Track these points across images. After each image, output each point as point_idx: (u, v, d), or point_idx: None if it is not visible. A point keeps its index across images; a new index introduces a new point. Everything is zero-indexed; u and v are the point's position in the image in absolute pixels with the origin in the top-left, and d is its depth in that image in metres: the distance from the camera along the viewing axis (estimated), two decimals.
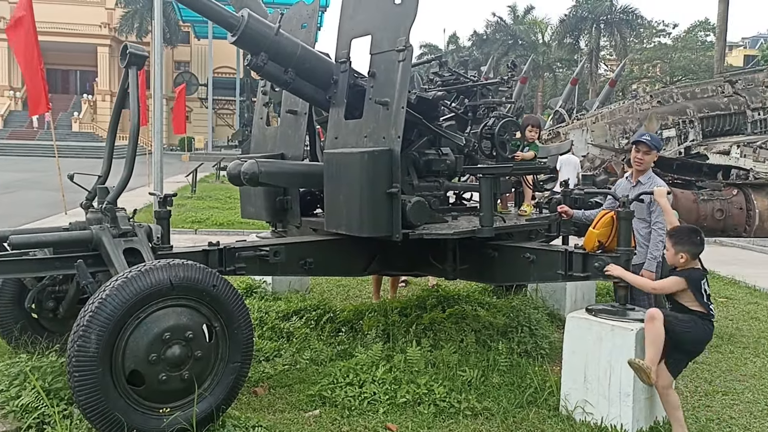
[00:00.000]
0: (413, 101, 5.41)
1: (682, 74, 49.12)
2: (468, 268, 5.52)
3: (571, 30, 46.87)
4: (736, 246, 12.96)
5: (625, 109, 20.35)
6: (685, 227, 4.40)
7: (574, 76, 32.64)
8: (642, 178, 5.28)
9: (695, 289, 4.14)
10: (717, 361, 5.88)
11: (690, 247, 4.18)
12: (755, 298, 8.31)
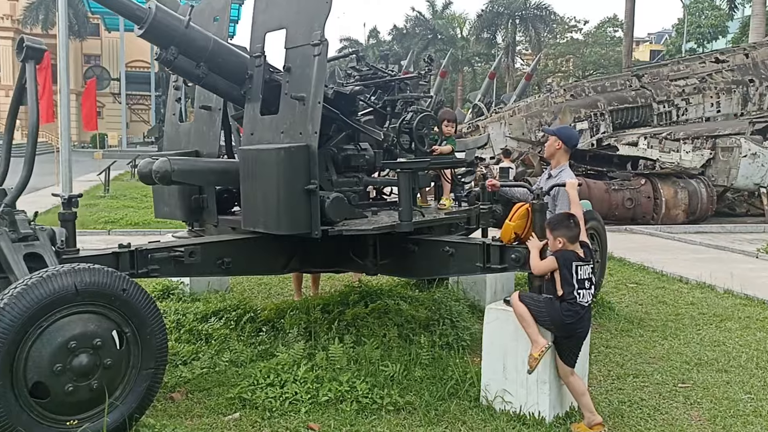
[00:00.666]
0: (330, 96, 5.35)
1: (593, 68, 51.06)
2: (389, 263, 5.52)
3: (488, 25, 47.87)
4: (645, 233, 13.57)
5: (540, 103, 20.93)
6: (560, 214, 4.50)
7: (492, 70, 33.37)
8: (554, 171, 5.39)
9: (566, 269, 4.19)
10: (628, 344, 6.11)
11: (564, 231, 4.26)
12: (663, 283, 8.71)
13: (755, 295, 7.79)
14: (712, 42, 45.80)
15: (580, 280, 4.20)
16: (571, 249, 4.27)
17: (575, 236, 4.29)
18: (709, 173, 16.00)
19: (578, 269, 4.21)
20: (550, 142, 5.33)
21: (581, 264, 4.23)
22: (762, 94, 20.53)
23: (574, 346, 4.28)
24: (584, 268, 4.24)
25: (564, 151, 5.33)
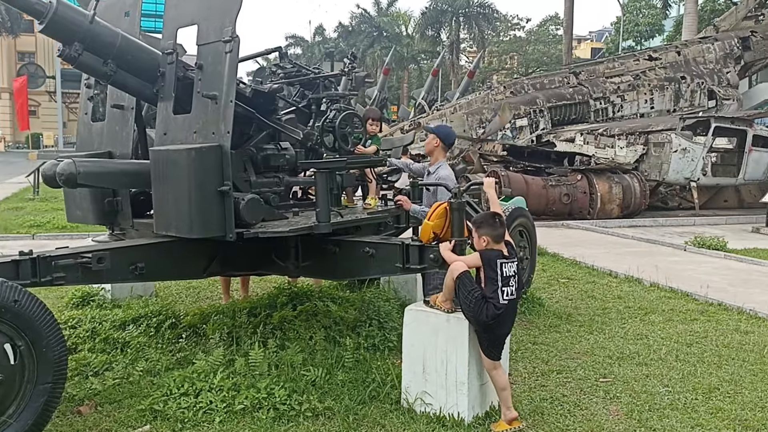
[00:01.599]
0: (248, 94, 5.22)
1: (536, 66, 51.82)
2: (310, 265, 5.41)
3: (432, 22, 48.08)
4: (580, 228, 13.79)
5: (481, 100, 21.10)
6: (485, 213, 4.50)
7: (435, 67, 33.52)
8: (432, 167, 5.56)
9: (489, 268, 4.21)
10: (555, 340, 6.15)
11: (489, 230, 4.26)
12: (593, 278, 8.83)
13: (679, 288, 7.97)
14: (649, 40, 46.98)
15: (505, 277, 4.21)
16: (496, 248, 4.26)
17: (500, 235, 4.29)
18: (642, 168, 16.40)
19: (503, 266, 4.22)
20: (429, 139, 5.60)
21: (505, 261, 4.24)
22: (693, 90, 21.17)
23: (495, 340, 4.27)
24: (509, 265, 4.25)
25: (442, 148, 5.54)
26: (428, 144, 5.55)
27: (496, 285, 4.18)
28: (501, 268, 4.21)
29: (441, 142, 5.49)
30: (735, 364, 5.43)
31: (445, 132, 5.63)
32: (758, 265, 9.78)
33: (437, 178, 5.32)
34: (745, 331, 6.33)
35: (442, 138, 5.49)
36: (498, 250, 4.27)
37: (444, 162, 5.53)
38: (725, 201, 18.17)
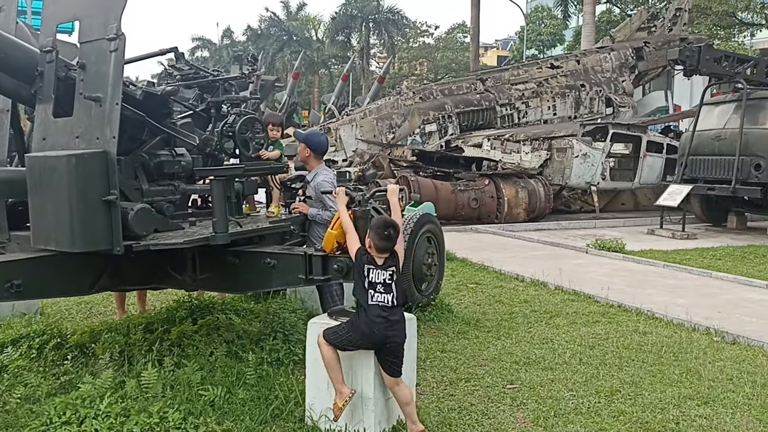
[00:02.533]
0: (138, 97, 4.88)
1: (444, 72, 52.73)
2: (209, 278, 5.12)
3: (342, 27, 48.10)
4: (488, 232, 13.99)
5: (390, 105, 21.13)
6: (384, 220, 4.29)
7: (345, 72, 33.42)
8: (309, 175, 5.62)
9: (358, 268, 4.12)
10: (463, 347, 6.11)
11: (375, 237, 4.12)
12: (501, 282, 8.91)
13: (582, 290, 8.16)
14: (551, 49, 48.74)
15: (372, 282, 4.09)
16: (376, 255, 4.12)
17: (383, 248, 4.12)
18: (546, 173, 16.86)
19: (370, 272, 4.10)
20: (301, 148, 5.57)
21: (373, 268, 4.11)
22: (592, 98, 22.03)
23: (391, 354, 4.09)
24: (376, 272, 4.11)
25: (314, 157, 5.59)
26: (301, 152, 5.55)
27: (364, 288, 4.10)
28: (368, 273, 4.11)
29: (312, 152, 5.51)
30: (635, 366, 5.55)
31: (317, 141, 5.62)
32: (653, 266, 10.18)
33: (314, 186, 5.33)
34: (643, 332, 6.51)
35: (313, 148, 5.55)
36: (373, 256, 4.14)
37: (321, 168, 5.54)
38: (623, 204, 18.97)
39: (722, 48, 26.02)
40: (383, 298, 4.07)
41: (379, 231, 4.11)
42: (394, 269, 4.15)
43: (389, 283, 4.10)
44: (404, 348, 4.17)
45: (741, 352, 5.95)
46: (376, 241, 4.10)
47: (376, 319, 4.03)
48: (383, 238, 4.09)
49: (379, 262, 4.12)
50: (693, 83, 28.33)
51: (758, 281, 8.92)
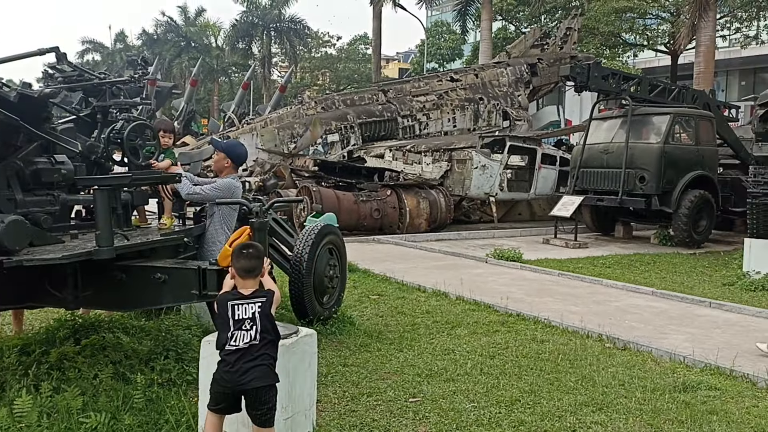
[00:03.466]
0: (13, 99, 4.48)
1: (347, 83, 52.92)
2: (93, 295, 4.77)
3: (243, 35, 47.22)
4: (390, 243, 14.02)
5: (292, 114, 20.89)
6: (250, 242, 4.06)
7: (246, 80, 32.79)
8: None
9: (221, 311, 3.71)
10: (365, 360, 6.00)
11: (233, 259, 3.83)
12: (403, 293, 8.89)
13: (482, 300, 8.26)
14: (451, 62, 50.02)
15: (239, 320, 3.66)
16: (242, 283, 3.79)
17: (245, 268, 3.78)
18: (447, 184, 17.14)
19: (235, 309, 3.68)
20: (219, 158, 5.34)
21: (239, 303, 3.70)
22: (490, 111, 22.69)
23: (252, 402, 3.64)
24: (243, 306, 3.70)
25: (233, 167, 5.41)
26: (218, 162, 5.24)
27: (229, 329, 3.65)
28: (233, 311, 3.67)
29: (232, 162, 5.30)
30: (533, 374, 5.63)
31: (238, 152, 5.39)
32: (549, 274, 10.50)
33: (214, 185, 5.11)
34: (541, 340, 6.65)
35: (233, 158, 5.27)
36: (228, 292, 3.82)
37: (233, 175, 5.34)
38: (519, 214, 19.58)
39: (609, 66, 27.53)
40: (247, 335, 3.64)
41: (238, 249, 3.84)
42: (264, 302, 3.72)
43: (255, 318, 3.67)
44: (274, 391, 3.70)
45: (631, 357, 6.18)
46: (236, 261, 3.78)
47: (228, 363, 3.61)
48: (242, 256, 3.78)
49: (245, 292, 3.75)
50: (583, 99, 29.83)
51: (644, 288, 9.37)
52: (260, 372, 3.60)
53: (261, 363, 3.62)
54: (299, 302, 6.55)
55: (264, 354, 3.65)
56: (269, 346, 3.69)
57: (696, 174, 14.26)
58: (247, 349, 3.60)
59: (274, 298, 3.78)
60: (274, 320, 3.76)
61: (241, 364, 3.58)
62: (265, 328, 3.67)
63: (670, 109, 14.84)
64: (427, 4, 32.14)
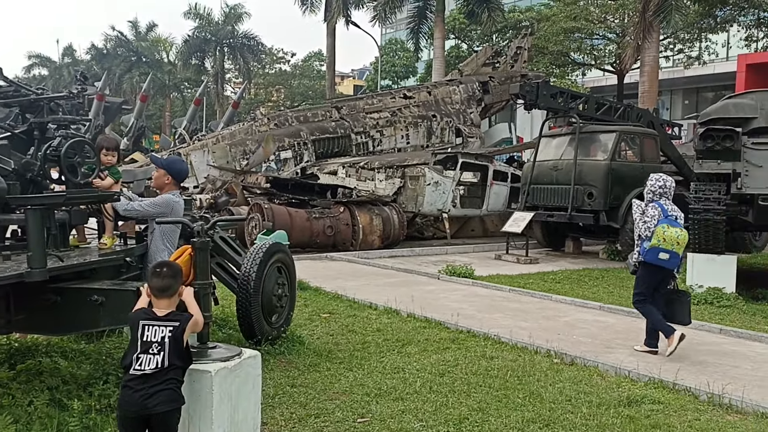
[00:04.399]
0: None
1: (301, 99, 52.89)
2: (26, 319, 4.58)
3: (195, 51, 46.77)
4: (343, 260, 13.94)
5: (245, 131, 20.74)
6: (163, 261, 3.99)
7: (197, 96, 32.46)
8: None
9: (132, 330, 3.66)
10: (314, 380, 5.91)
11: (149, 277, 3.82)
12: (354, 311, 8.82)
13: (433, 317, 8.25)
14: (405, 79, 50.55)
15: (147, 342, 3.57)
16: (156, 302, 3.73)
17: (158, 288, 3.71)
18: (400, 200, 17.18)
19: (146, 329, 3.59)
20: (159, 174, 5.21)
21: (150, 324, 3.61)
22: (443, 128, 22.91)
23: (159, 427, 3.55)
24: (154, 329, 3.60)
25: (173, 184, 5.30)
26: (158, 179, 5.10)
27: (135, 350, 3.58)
28: (143, 331, 3.59)
29: (173, 179, 5.19)
30: (482, 391, 5.63)
31: (178, 168, 5.25)
32: (500, 290, 10.58)
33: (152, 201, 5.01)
34: (490, 357, 6.66)
35: (174, 175, 5.17)
36: (141, 308, 3.76)
37: (174, 191, 5.22)
38: (472, 230, 19.74)
39: (558, 85, 28.16)
40: (153, 361, 3.52)
41: (152, 268, 3.79)
42: (176, 327, 3.62)
43: (164, 343, 3.56)
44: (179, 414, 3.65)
45: (578, 372, 6.24)
46: (149, 280, 3.73)
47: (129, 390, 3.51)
48: (155, 275, 3.71)
49: (159, 313, 3.66)
50: (533, 116, 30.40)
51: (592, 303, 9.51)
52: (166, 396, 3.51)
53: (167, 387, 3.53)
54: (247, 322, 6.43)
55: (170, 378, 3.56)
56: (177, 371, 3.61)
57: (641, 190, 14.59)
58: (153, 374, 3.51)
59: (189, 323, 3.69)
60: (184, 346, 3.67)
61: (146, 389, 3.48)
62: (173, 354, 3.57)
63: (616, 127, 15.22)
64: (380, 21, 32.35)
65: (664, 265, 6.72)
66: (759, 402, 5.33)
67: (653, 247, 6.71)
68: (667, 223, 6.73)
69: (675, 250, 6.68)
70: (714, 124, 10.77)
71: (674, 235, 6.67)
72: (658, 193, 7.00)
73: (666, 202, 6.98)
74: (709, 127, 10.36)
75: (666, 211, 6.84)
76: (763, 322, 8.73)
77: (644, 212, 6.94)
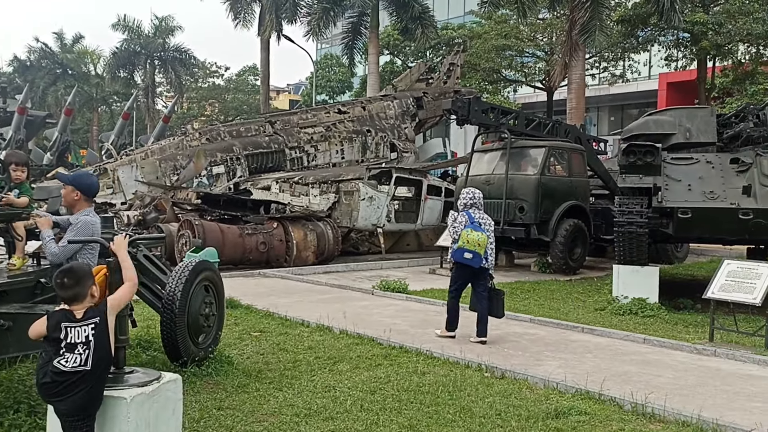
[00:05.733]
0: None
1: (235, 114, 52.20)
2: None
3: (125, 63, 45.52)
4: (277, 276, 13.74)
5: (175, 146, 20.27)
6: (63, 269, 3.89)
7: (126, 110, 31.60)
8: (72, 217, 5.03)
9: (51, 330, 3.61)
10: (242, 402, 5.74)
11: (56, 290, 3.77)
12: (286, 329, 8.66)
13: (366, 333, 8.19)
14: (341, 95, 50.57)
15: (71, 344, 3.58)
16: (69, 309, 3.68)
17: (64, 297, 3.69)
18: (334, 215, 17.10)
19: (69, 331, 3.60)
20: (67, 191, 4.99)
21: (72, 326, 3.61)
22: (377, 143, 23.00)
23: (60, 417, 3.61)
24: (76, 330, 3.62)
25: (84, 200, 5.05)
26: (67, 196, 4.88)
27: (61, 349, 3.59)
28: (67, 333, 3.61)
29: (82, 194, 4.93)
30: (413, 408, 5.59)
31: (87, 183, 5.01)
32: (434, 305, 10.59)
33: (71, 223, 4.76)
34: (422, 373, 6.63)
35: (83, 190, 4.93)
36: (58, 310, 3.73)
37: (89, 210, 4.98)
38: (407, 245, 19.81)
39: (490, 101, 28.75)
40: (78, 359, 3.56)
41: (55, 279, 3.74)
42: (98, 323, 3.65)
43: (89, 342, 3.60)
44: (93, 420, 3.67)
45: (508, 386, 6.28)
46: (57, 291, 3.72)
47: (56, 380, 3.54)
48: (59, 286, 3.68)
49: (77, 315, 3.64)
50: (466, 131, 30.94)
51: (523, 315, 9.64)
52: (73, 403, 3.55)
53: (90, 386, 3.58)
54: (172, 343, 6.21)
55: (96, 378, 3.61)
56: (101, 372, 3.65)
57: (570, 204, 15.01)
58: (76, 374, 3.54)
59: (110, 307, 3.74)
60: (109, 338, 3.68)
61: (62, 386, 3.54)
62: (99, 352, 3.61)
63: (546, 142, 15.59)
64: (314, 36, 32.30)
65: (468, 263, 7.89)
66: (680, 410, 5.48)
67: (459, 248, 7.92)
68: (471, 228, 7.90)
69: (477, 251, 7.83)
70: (636, 140, 11.16)
71: (475, 238, 7.82)
72: (469, 204, 8.18)
73: (475, 211, 8.14)
74: (632, 143, 10.71)
75: (473, 218, 8.03)
76: (684, 331, 9.03)
77: (455, 219, 8.19)
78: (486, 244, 7.90)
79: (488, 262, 8.01)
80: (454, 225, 8.11)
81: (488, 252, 7.96)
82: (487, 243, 7.93)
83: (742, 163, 10.32)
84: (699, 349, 7.79)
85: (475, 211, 8.13)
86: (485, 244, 7.88)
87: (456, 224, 8.09)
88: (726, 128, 11.63)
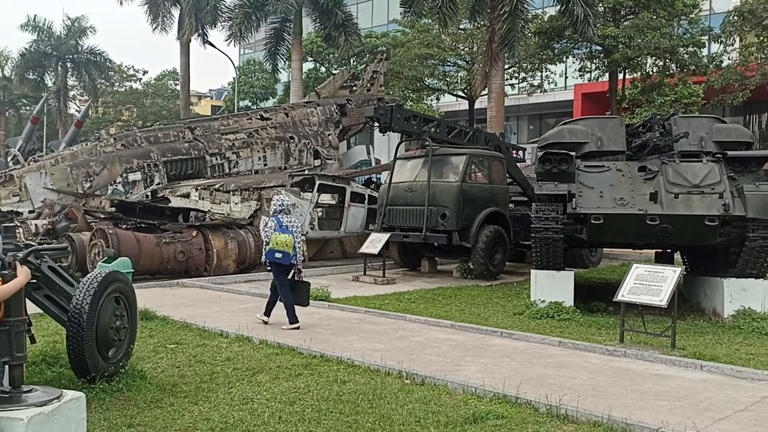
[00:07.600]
0: None
1: (154, 119, 50.71)
2: None
3: (34, 65, 43.35)
4: (196, 286, 13.38)
5: (88, 152, 19.50)
6: None
7: (35, 114, 30.19)
8: None
9: None
10: (154, 418, 5.52)
11: None
12: (204, 340, 8.42)
13: (286, 343, 8.06)
14: (264, 101, 49.97)
15: None
16: None
17: None
18: (256, 223, 16.79)
19: None
20: None
21: None
22: (301, 150, 22.81)
23: None
24: None
25: None
26: None
27: None
28: None
29: None
30: (333, 418, 5.52)
31: None
32: (356, 312, 10.57)
33: None
34: (343, 381, 6.57)
35: None
36: None
37: None
38: (331, 252, 19.72)
39: (414, 109, 29.05)
40: None
41: None
42: None
43: None
44: None
45: (429, 392, 6.30)
46: None
47: None
48: None
49: None
50: (390, 138, 31.07)
51: (444, 321, 9.74)
52: None
53: None
54: (79, 358, 5.92)
55: None
56: None
57: (490, 210, 15.31)
58: None
59: None
60: None
61: None
62: None
63: (466, 150, 15.86)
64: (236, 41, 31.74)
65: (279, 261, 9.07)
66: (592, 411, 5.64)
67: (270, 249, 9.07)
68: (279, 231, 9.04)
69: (285, 251, 9.00)
70: (551, 148, 11.48)
71: (283, 240, 8.98)
72: (278, 210, 9.25)
73: (283, 216, 9.22)
74: (547, 151, 11.01)
75: (281, 223, 9.12)
76: (597, 333, 9.34)
77: (266, 224, 9.29)
78: (293, 245, 9.05)
79: (296, 259, 9.17)
80: (266, 229, 9.24)
81: (296, 250, 9.14)
82: (294, 243, 9.07)
83: (649, 171, 10.77)
84: (610, 350, 8.07)
85: (284, 216, 9.22)
86: (292, 245, 9.04)
87: (267, 229, 9.21)
88: (635, 137, 12.12)
